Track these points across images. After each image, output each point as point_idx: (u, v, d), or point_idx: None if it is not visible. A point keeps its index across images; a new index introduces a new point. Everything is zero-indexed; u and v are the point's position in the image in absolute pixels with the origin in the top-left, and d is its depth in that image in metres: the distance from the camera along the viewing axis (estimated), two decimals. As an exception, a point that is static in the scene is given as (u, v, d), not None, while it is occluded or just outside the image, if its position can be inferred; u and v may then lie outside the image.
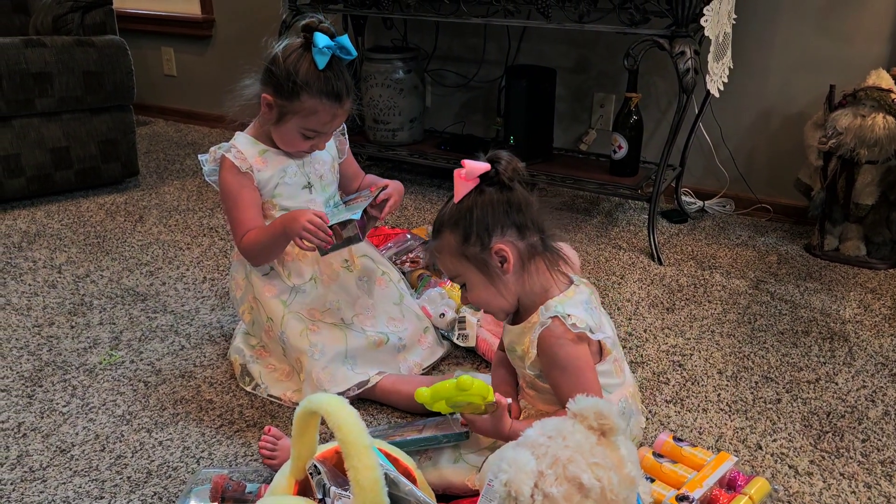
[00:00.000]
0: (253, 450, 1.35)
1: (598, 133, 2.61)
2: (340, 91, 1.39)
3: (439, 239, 1.17)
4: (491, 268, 1.13)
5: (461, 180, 1.12)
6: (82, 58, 2.45)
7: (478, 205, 1.12)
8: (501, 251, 1.12)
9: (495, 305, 1.17)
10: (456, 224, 1.13)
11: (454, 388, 1.06)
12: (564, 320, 1.09)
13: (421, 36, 2.78)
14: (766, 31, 2.29)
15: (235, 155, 1.45)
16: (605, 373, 1.15)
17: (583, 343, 1.10)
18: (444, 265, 1.18)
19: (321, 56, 1.35)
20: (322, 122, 1.41)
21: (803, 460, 1.33)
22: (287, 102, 1.39)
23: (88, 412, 1.45)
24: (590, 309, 1.15)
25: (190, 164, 2.97)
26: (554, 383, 1.13)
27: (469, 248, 1.13)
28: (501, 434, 1.12)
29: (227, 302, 1.87)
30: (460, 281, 1.17)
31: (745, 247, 2.22)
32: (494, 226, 1.12)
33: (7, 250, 2.16)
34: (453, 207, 1.14)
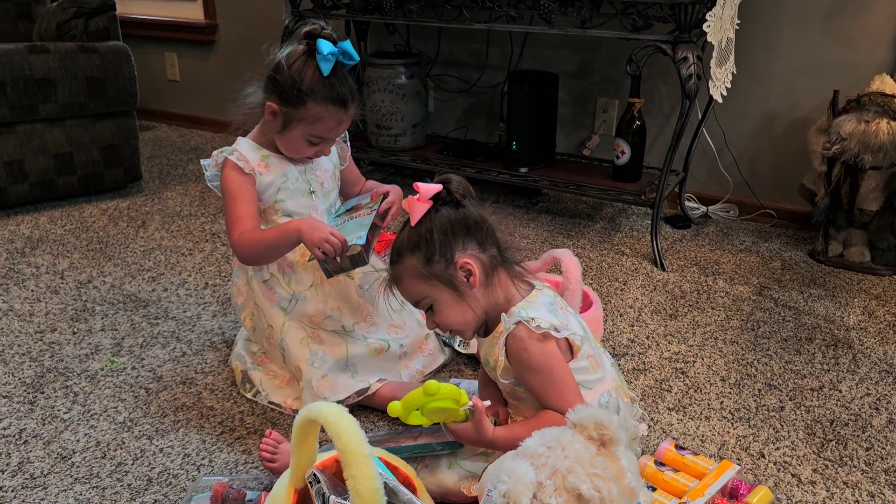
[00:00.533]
0: (254, 457, 1.34)
1: (601, 138, 2.61)
2: (345, 97, 1.39)
3: (399, 265, 1.17)
4: (458, 283, 1.15)
5: (416, 203, 1.15)
6: (85, 64, 2.46)
7: (436, 224, 1.14)
8: (466, 265, 1.14)
9: (464, 322, 1.17)
10: (416, 246, 1.14)
11: (421, 394, 1.07)
12: (528, 323, 1.10)
13: (424, 41, 2.79)
14: (769, 36, 2.28)
15: (238, 157, 1.45)
16: (581, 369, 1.16)
17: (549, 341, 1.11)
18: (407, 290, 1.19)
19: (325, 63, 1.36)
20: (328, 128, 1.41)
21: (806, 469, 1.32)
22: (292, 110, 1.39)
23: (90, 419, 1.45)
24: (554, 309, 1.16)
25: (192, 168, 2.98)
26: (529, 386, 1.13)
27: (433, 267, 1.14)
28: (484, 441, 1.12)
29: (229, 308, 1.87)
30: (426, 304, 1.18)
31: (748, 252, 2.21)
32: (456, 242, 1.15)
33: (10, 256, 2.17)
34: (411, 231, 1.15)
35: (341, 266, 1.36)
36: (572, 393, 1.10)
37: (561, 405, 1.04)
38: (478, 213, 1.18)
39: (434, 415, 1.10)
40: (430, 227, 1.14)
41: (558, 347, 1.12)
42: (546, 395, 1.09)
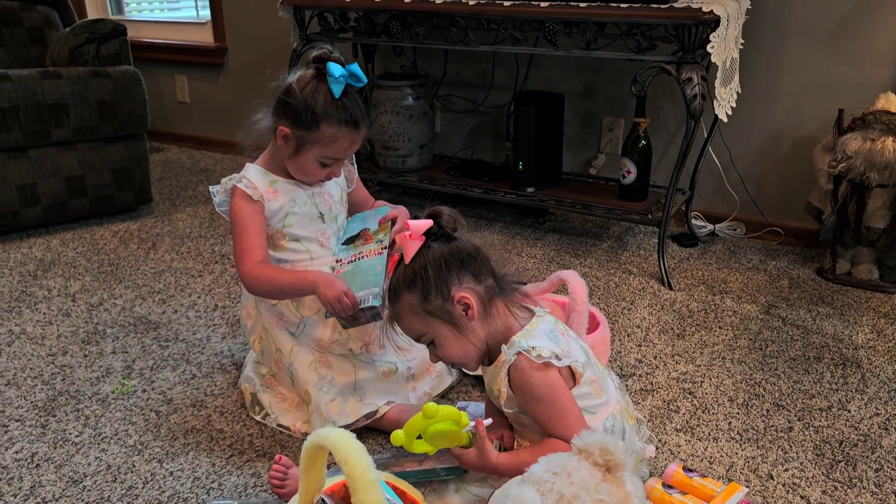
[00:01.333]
0: (263, 480, 1.35)
1: (608, 157, 2.62)
2: (358, 118, 1.41)
3: (398, 303, 1.18)
4: (456, 318, 1.15)
5: (409, 240, 1.17)
6: (97, 88, 2.50)
7: (430, 260, 1.15)
8: (463, 299, 1.15)
9: (466, 355, 1.18)
10: (412, 283, 1.15)
11: (421, 418, 1.08)
12: (528, 353, 1.11)
13: (430, 62, 2.81)
14: (774, 56, 2.29)
15: (247, 185, 1.46)
16: (584, 395, 1.16)
17: (551, 370, 1.12)
18: (407, 328, 1.20)
19: (337, 85, 1.38)
20: (341, 149, 1.43)
21: (815, 490, 1.32)
22: (306, 133, 1.40)
23: (101, 442, 1.46)
24: (555, 336, 1.16)
25: (202, 190, 3.01)
26: (533, 415, 1.14)
27: (431, 304, 1.15)
28: (488, 467, 1.13)
29: (238, 330, 1.88)
30: (427, 339, 1.19)
31: (756, 271, 2.21)
32: (451, 276, 1.15)
33: (23, 279, 2.19)
34: (406, 269, 1.17)
35: (356, 321, 1.37)
36: (576, 420, 1.11)
37: (565, 433, 1.05)
38: (471, 244, 1.19)
39: (437, 440, 1.10)
40: (423, 263, 1.15)
41: (560, 375, 1.13)
42: (550, 423, 1.10)
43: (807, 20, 2.22)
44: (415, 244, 1.16)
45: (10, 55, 2.80)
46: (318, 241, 1.51)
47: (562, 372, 1.14)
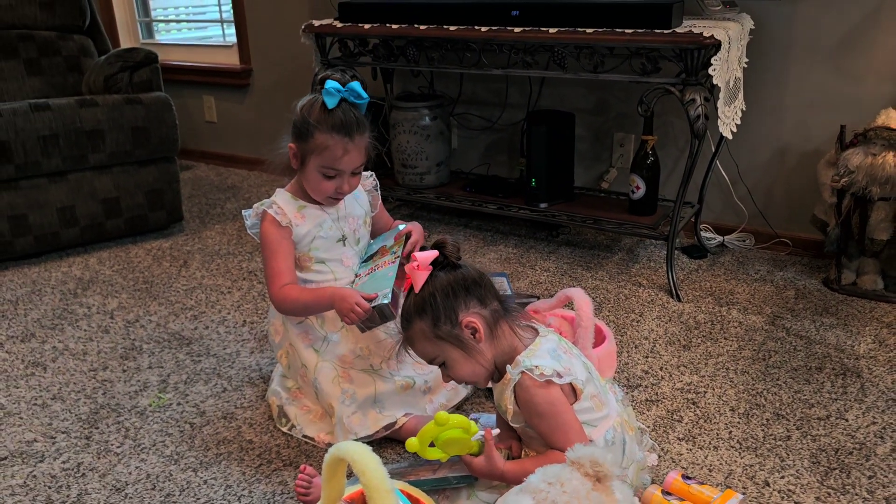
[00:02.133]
0: (289, 488, 1.46)
1: (619, 171, 2.70)
2: (349, 125, 1.50)
3: (410, 328, 1.28)
4: (465, 341, 1.25)
5: (417, 271, 1.26)
6: (131, 114, 2.63)
7: (437, 288, 1.25)
8: (471, 323, 1.25)
9: (475, 374, 1.27)
10: (423, 311, 1.25)
11: (433, 426, 1.18)
12: (531, 372, 1.20)
13: (447, 82, 2.92)
14: (779, 73, 2.36)
15: (276, 211, 1.57)
16: (585, 409, 1.25)
17: (553, 387, 1.20)
18: (420, 351, 1.30)
19: (329, 97, 1.49)
20: (335, 156, 1.50)
21: (809, 497, 1.39)
22: (304, 144, 1.52)
23: (140, 452, 1.58)
24: (557, 355, 1.25)
25: (230, 207, 3.14)
26: (537, 429, 1.23)
27: (441, 329, 1.25)
28: (495, 473, 1.22)
29: (265, 345, 1.99)
30: (438, 361, 1.28)
31: (763, 282, 2.28)
32: (458, 302, 1.25)
33: (64, 297, 2.33)
34: (416, 297, 1.26)
35: (371, 323, 1.47)
36: (576, 434, 1.19)
37: (566, 446, 1.13)
38: (475, 270, 1.30)
39: (448, 447, 1.20)
40: (432, 291, 1.25)
41: (562, 391, 1.22)
42: (552, 436, 1.19)
43: (810, 38, 2.29)
44: (423, 274, 1.26)
45: (49, 83, 2.96)
46: (342, 262, 1.62)
47: (563, 388, 1.23)
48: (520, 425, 1.26)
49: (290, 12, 3.28)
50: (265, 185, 3.43)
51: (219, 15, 3.71)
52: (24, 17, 2.94)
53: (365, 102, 1.54)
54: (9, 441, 1.63)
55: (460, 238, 2.69)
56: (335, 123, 1.49)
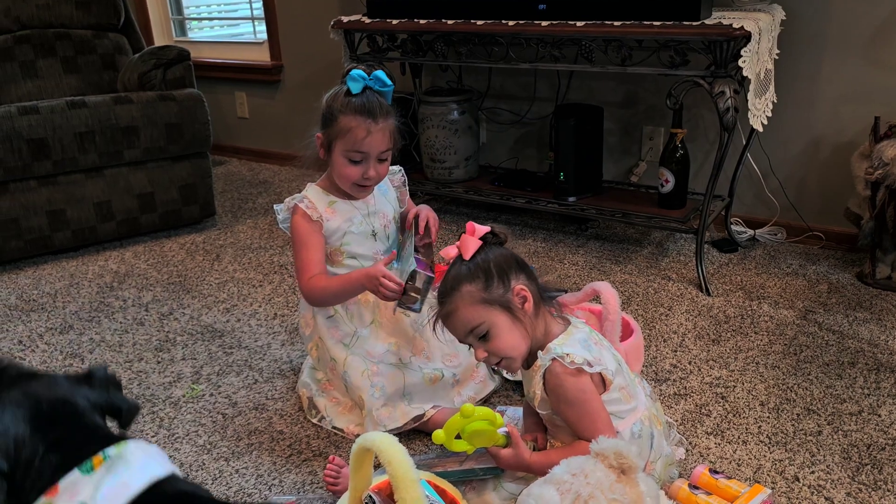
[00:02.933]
0: (318, 478, 1.48)
1: (648, 165, 2.68)
2: (372, 108, 1.51)
3: (455, 294, 1.25)
4: (514, 307, 1.24)
5: (470, 239, 1.28)
6: (165, 111, 2.68)
7: (491, 255, 1.27)
8: (522, 291, 1.25)
9: (516, 348, 1.25)
10: (474, 275, 1.25)
11: (459, 418, 1.19)
12: (562, 359, 1.20)
13: (475, 76, 2.92)
14: (811, 64, 2.32)
15: (307, 205, 1.59)
16: (614, 401, 1.25)
17: (583, 376, 1.21)
18: (463, 319, 1.25)
19: (353, 83, 1.51)
20: (358, 138, 1.50)
21: (840, 492, 1.38)
22: (330, 130, 1.53)
23: (174, 442, 1.62)
24: (588, 345, 1.25)
25: (261, 202, 3.18)
26: (564, 417, 1.23)
27: (492, 292, 1.24)
28: (522, 465, 1.23)
29: (296, 337, 2.02)
30: (484, 329, 1.24)
31: (795, 276, 2.25)
32: (510, 271, 1.26)
33: (101, 290, 2.39)
34: (465, 263, 1.27)
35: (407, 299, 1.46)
36: (604, 424, 1.20)
37: (593, 436, 1.13)
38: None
39: (474, 438, 1.21)
40: (486, 257, 1.26)
41: (592, 381, 1.22)
42: (579, 426, 1.20)
43: (842, 29, 2.25)
44: (476, 243, 1.27)
45: (85, 81, 3.02)
46: (373, 258, 1.63)
47: (593, 378, 1.23)
48: (546, 412, 1.26)
49: (319, 9, 3.31)
50: (296, 179, 3.47)
51: (250, 12, 3.75)
52: (61, 16, 3.01)
53: (390, 90, 1.55)
54: (49, 429, 1.68)
55: (488, 232, 2.69)
56: (358, 106, 1.50)
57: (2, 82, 2.91)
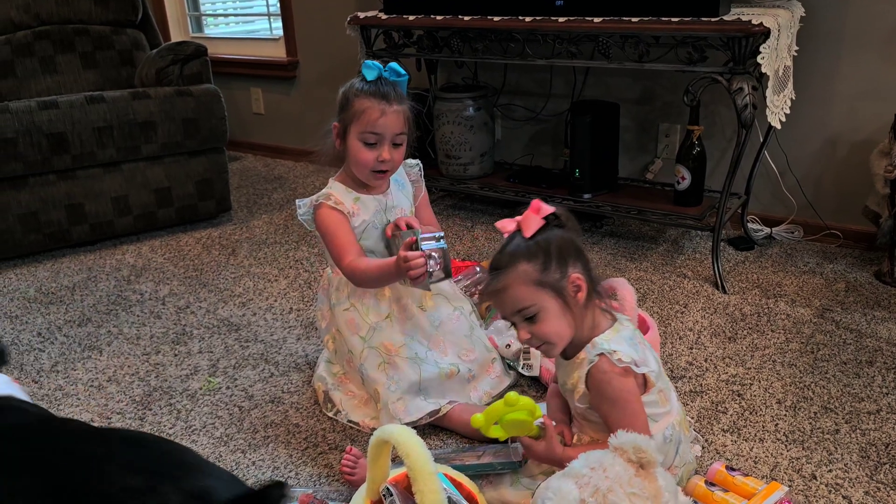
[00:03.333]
0: (334, 471, 1.49)
1: (664, 162, 2.67)
2: (386, 92, 1.53)
3: (511, 270, 1.20)
4: (567, 295, 1.21)
5: (534, 216, 1.22)
6: (182, 106, 2.70)
7: (553, 238, 1.21)
8: (577, 279, 1.21)
9: (560, 335, 1.22)
10: (533, 254, 1.20)
11: (503, 405, 1.17)
12: (610, 356, 1.18)
13: (491, 73, 2.92)
14: (829, 61, 2.31)
15: (335, 202, 1.60)
16: (651, 403, 1.24)
17: (629, 376, 1.19)
18: (514, 296, 1.21)
19: (368, 70, 1.54)
20: (372, 118, 1.52)
21: (858, 491, 1.37)
22: (345, 115, 1.56)
23: (191, 434, 1.63)
24: (634, 344, 1.23)
25: (277, 197, 3.19)
26: (603, 415, 1.22)
27: (549, 276, 1.20)
28: (554, 458, 1.21)
29: (311, 332, 2.03)
30: (533, 311, 1.20)
31: (812, 274, 2.24)
32: (569, 257, 1.22)
33: (118, 283, 2.41)
34: (526, 241, 1.21)
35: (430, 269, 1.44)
36: (642, 427, 1.18)
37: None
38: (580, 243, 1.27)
39: (511, 427, 1.19)
40: (548, 238, 1.21)
41: (636, 382, 1.20)
42: (618, 425, 1.15)
43: (861, 25, 2.23)
44: (539, 222, 1.21)
45: (103, 76, 3.04)
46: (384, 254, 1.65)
47: (636, 379, 1.21)
48: (584, 406, 1.24)
49: (335, 5, 3.31)
50: (311, 175, 3.48)
51: (266, 8, 3.76)
52: (80, 11, 3.03)
53: (404, 80, 1.57)
54: (68, 420, 1.70)
55: (503, 228, 2.69)
56: (372, 91, 1.53)
57: (22, 78, 2.94)
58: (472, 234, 2.65)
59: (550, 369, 1.69)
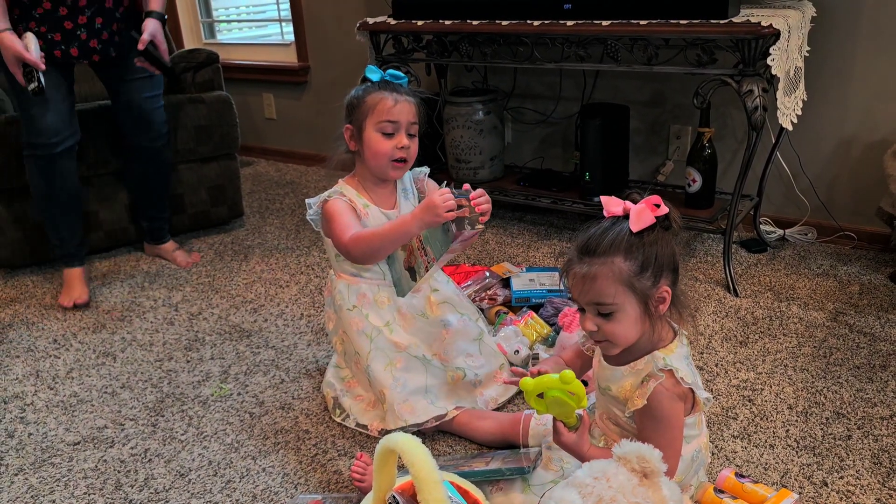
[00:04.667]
0: (344, 477, 1.50)
1: (675, 164, 2.66)
2: (395, 85, 1.60)
3: (604, 262, 1.14)
4: (650, 304, 1.16)
5: (648, 213, 1.14)
6: (194, 114, 2.72)
7: (660, 243, 1.15)
8: (665, 292, 1.16)
9: (627, 340, 1.18)
10: (634, 254, 1.13)
11: (558, 381, 1.12)
12: (675, 373, 1.15)
13: (500, 76, 2.92)
14: (843, 61, 2.29)
15: (348, 200, 1.62)
16: (690, 424, 1.21)
17: (682, 399, 1.17)
18: (600, 288, 1.15)
19: (372, 73, 1.61)
20: (387, 107, 1.57)
21: (869, 498, 1.36)
22: (357, 113, 1.60)
23: (203, 440, 1.65)
24: (690, 364, 1.20)
25: (289, 203, 3.21)
26: (641, 427, 1.19)
27: (641, 281, 1.14)
28: (580, 453, 1.18)
29: (321, 338, 2.04)
30: (611, 309, 1.15)
31: (825, 276, 2.22)
32: (665, 266, 1.16)
33: (132, 290, 2.43)
34: (630, 237, 1.14)
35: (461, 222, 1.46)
36: (675, 452, 1.16)
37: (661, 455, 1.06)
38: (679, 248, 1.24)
39: (553, 405, 1.15)
40: (653, 241, 1.14)
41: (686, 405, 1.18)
42: (652, 442, 1.09)
43: (875, 25, 2.21)
44: (649, 219, 1.14)
45: (117, 84, 3.07)
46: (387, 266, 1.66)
47: (687, 401, 1.19)
48: (629, 416, 1.21)
49: (346, 10, 3.33)
50: (323, 180, 3.49)
51: (277, 14, 3.79)
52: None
53: (404, 81, 1.63)
54: (81, 427, 1.72)
55: (514, 232, 2.69)
56: (381, 85, 1.60)
57: (36, 86, 2.97)
58: (483, 239, 2.64)
59: (559, 375, 1.68)
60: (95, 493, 1.50)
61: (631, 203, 1.17)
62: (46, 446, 1.66)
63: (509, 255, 2.50)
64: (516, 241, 2.61)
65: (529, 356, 1.74)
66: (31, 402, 1.83)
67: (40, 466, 1.59)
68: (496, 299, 2.02)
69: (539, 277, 2.07)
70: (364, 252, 1.57)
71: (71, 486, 1.52)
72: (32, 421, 1.75)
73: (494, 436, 1.53)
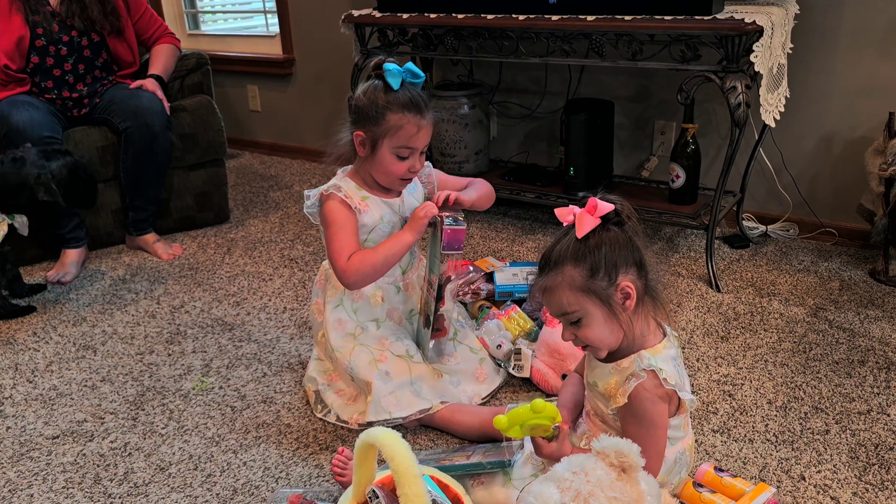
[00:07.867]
0: (325, 471, 1.49)
1: (660, 160, 2.67)
2: (419, 102, 1.52)
3: (558, 273, 1.16)
4: (613, 304, 1.16)
5: (588, 216, 1.15)
6: (177, 122, 2.64)
7: (605, 241, 1.15)
8: (627, 287, 1.15)
9: (603, 342, 1.18)
10: (582, 258, 1.15)
11: (528, 411, 1.14)
12: (658, 373, 1.15)
13: (486, 70, 2.91)
14: (825, 59, 2.30)
15: (345, 194, 1.58)
16: (675, 426, 1.21)
17: (666, 401, 1.17)
18: (557, 301, 1.17)
19: (393, 78, 1.51)
20: (409, 134, 1.52)
21: (846, 492, 1.37)
22: (376, 127, 1.52)
23: (183, 434, 1.64)
24: (677, 365, 1.20)
25: (273, 196, 3.19)
26: (625, 426, 1.19)
27: (595, 283, 1.14)
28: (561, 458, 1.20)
29: (304, 331, 2.04)
30: (577, 316, 1.17)
31: (806, 272, 2.24)
32: (621, 263, 1.15)
33: (114, 283, 2.41)
34: (576, 243, 1.15)
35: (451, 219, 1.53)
36: (657, 453, 1.16)
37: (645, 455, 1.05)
38: (640, 238, 1.19)
39: (531, 430, 1.18)
40: (599, 242, 1.15)
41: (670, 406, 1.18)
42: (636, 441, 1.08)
43: (857, 23, 2.22)
44: (593, 222, 1.15)
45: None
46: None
47: (671, 401, 1.19)
48: (612, 413, 1.21)
49: (331, 2, 3.31)
50: (307, 173, 3.48)
51: (262, 5, 3.76)
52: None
53: (421, 81, 1.55)
54: (61, 420, 1.70)
55: (499, 226, 2.69)
56: (405, 102, 1.50)
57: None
58: (468, 233, 2.64)
59: (541, 370, 1.69)
60: (74, 487, 1.49)
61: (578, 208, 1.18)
62: (25, 440, 1.64)
63: (493, 249, 2.50)
64: (500, 236, 2.61)
65: (511, 351, 1.75)
66: (9, 395, 1.81)
67: (18, 460, 1.58)
68: (479, 293, 2.02)
69: (523, 272, 2.07)
70: (357, 278, 1.54)
71: (49, 480, 1.51)
72: (10, 414, 1.73)
73: (476, 430, 1.53)
